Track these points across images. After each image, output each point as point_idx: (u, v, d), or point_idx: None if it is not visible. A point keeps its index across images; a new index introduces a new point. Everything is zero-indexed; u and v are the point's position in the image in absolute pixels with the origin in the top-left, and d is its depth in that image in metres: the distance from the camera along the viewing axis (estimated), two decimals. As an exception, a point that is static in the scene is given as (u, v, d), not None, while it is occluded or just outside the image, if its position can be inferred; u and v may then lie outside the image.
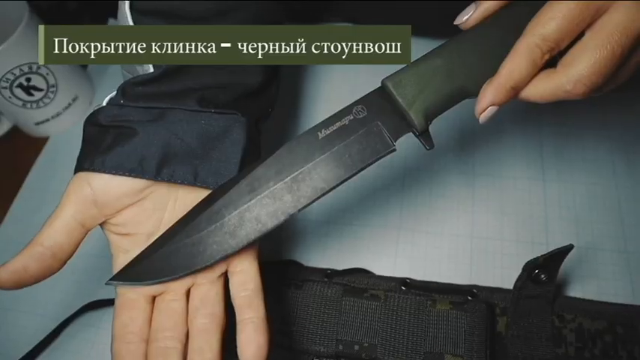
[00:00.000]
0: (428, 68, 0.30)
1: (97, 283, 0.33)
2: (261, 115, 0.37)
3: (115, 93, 0.34)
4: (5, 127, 0.58)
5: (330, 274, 0.42)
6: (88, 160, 0.32)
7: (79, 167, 0.32)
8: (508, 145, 0.49)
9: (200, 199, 0.32)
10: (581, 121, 0.48)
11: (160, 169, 0.32)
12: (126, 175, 0.31)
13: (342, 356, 0.38)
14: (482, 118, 0.30)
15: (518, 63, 0.28)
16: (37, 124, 0.56)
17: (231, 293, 0.32)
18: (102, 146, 0.32)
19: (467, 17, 0.31)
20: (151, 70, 0.34)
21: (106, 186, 0.31)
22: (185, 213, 0.32)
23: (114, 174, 0.31)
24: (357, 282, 0.41)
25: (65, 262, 0.31)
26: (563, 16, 0.27)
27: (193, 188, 0.33)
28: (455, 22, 0.31)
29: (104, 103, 0.34)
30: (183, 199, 0.33)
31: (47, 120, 0.56)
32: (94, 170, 0.31)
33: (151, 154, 0.32)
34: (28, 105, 0.53)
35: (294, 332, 0.39)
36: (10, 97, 0.52)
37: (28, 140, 0.58)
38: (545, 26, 0.28)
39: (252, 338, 0.30)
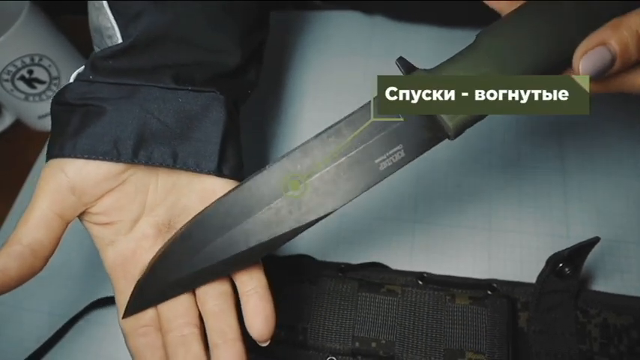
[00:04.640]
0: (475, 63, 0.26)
1: (103, 280, 0.32)
2: (239, 95, 0.35)
3: (83, 68, 0.32)
4: (7, 121, 0.57)
5: (345, 269, 0.41)
6: (57, 145, 0.29)
7: (50, 154, 0.30)
8: (526, 134, 0.48)
9: (181, 180, 0.31)
10: (601, 109, 0.47)
11: (136, 150, 0.30)
12: (100, 159, 0.29)
13: (358, 354, 0.37)
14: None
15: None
16: (40, 117, 0.55)
17: None
18: (70, 128, 0.30)
19: None
20: (120, 41, 0.32)
21: (82, 171, 0.29)
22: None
23: (87, 158, 0.29)
24: (373, 277, 0.40)
25: (47, 260, 0.29)
26: None
27: (173, 169, 0.31)
28: None
29: (71, 79, 0.31)
30: (165, 180, 0.32)
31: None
32: (64, 156, 0.29)
33: (127, 135, 0.30)
34: (31, 98, 0.52)
35: (309, 329, 0.37)
36: (12, 90, 0.51)
37: (30, 134, 0.56)
38: None
39: (259, 308, 0.28)
